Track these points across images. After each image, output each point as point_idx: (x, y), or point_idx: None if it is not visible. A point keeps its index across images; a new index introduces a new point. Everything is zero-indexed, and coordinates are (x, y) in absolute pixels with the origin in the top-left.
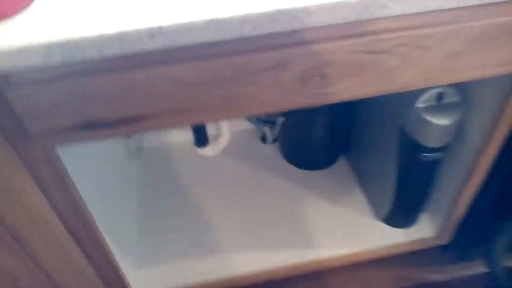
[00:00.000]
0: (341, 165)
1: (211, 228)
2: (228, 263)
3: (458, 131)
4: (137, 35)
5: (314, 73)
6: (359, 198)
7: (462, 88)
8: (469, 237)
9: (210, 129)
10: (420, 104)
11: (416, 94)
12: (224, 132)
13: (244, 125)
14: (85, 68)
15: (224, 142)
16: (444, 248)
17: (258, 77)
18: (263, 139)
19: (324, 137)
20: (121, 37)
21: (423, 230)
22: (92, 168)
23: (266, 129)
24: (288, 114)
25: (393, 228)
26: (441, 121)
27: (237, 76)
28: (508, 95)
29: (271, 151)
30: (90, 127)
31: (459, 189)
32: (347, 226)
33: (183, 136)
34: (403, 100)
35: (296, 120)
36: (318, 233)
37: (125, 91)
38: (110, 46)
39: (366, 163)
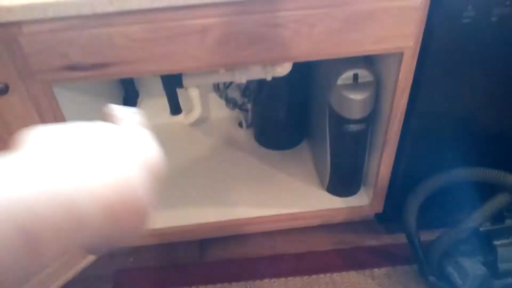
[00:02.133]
0: (303, 147)
1: (186, 188)
2: (196, 215)
3: (375, 106)
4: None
5: (230, 38)
6: (311, 173)
7: (374, 69)
8: (396, 207)
9: (186, 103)
10: (339, 82)
11: (336, 74)
12: (197, 105)
13: (226, 112)
14: (68, 24)
15: (196, 114)
16: (379, 218)
17: (187, 38)
18: (240, 124)
19: (286, 122)
20: (91, 1)
21: (360, 199)
22: None
23: (242, 116)
24: (255, 101)
25: (333, 196)
26: (357, 96)
27: (173, 36)
28: (398, 72)
29: (246, 134)
30: (72, 69)
31: (379, 159)
32: (296, 194)
33: (175, 119)
34: (329, 81)
35: (263, 107)
36: (273, 198)
37: (94, 43)
38: (83, 7)
39: (315, 142)
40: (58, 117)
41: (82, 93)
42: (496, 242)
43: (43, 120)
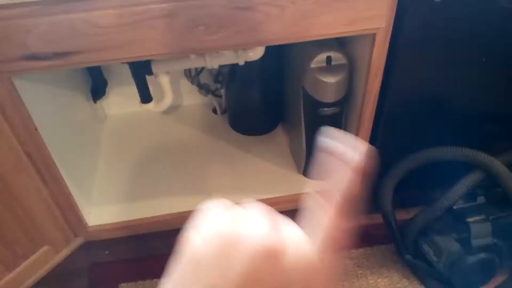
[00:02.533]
0: (278, 132)
1: (161, 177)
2: (172, 205)
3: (348, 89)
4: None
5: (198, 22)
6: (287, 157)
7: (347, 52)
8: (372, 187)
9: (157, 91)
10: (313, 65)
11: (310, 57)
12: (167, 92)
13: (199, 98)
14: (26, 11)
15: (167, 101)
16: None
17: (154, 23)
18: (214, 110)
19: (260, 107)
20: None
21: None
22: (60, 123)
23: (215, 102)
24: (228, 86)
25: (309, 180)
26: (330, 79)
27: (139, 21)
28: (371, 53)
29: (221, 121)
30: (33, 58)
31: None
32: (273, 179)
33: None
34: (302, 64)
35: (236, 93)
36: (250, 184)
37: (55, 30)
38: None
39: (290, 126)
40: (20, 110)
41: (46, 84)
42: (469, 219)
43: (5, 115)
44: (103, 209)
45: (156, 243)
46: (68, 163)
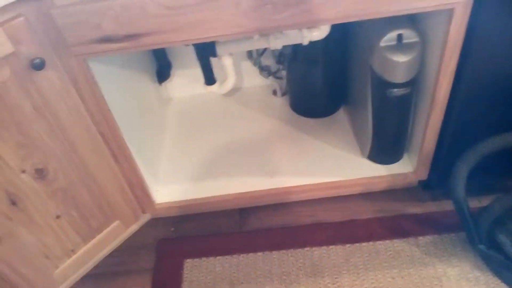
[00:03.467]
0: (340, 114)
1: (225, 158)
2: (235, 185)
3: (420, 69)
4: None
5: (266, 1)
6: (350, 140)
7: (419, 29)
8: (441, 173)
9: (220, 73)
10: (383, 43)
11: (379, 35)
12: (231, 74)
13: (260, 80)
14: None
15: (230, 83)
16: (424, 185)
17: (222, 3)
18: (274, 92)
19: (323, 88)
20: None
21: (403, 166)
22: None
23: (276, 84)
24: (289, 67)
25: (375, 164)
26: (401, 58)
27: (207, 2)
28: (447, 31)
29: (281, 103)
30: (106, 41)
31: (425, 124)
32: (336, 161)
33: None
34: (370, 42)
35: (298, 74)
36: (312, 167)
37: (127, 12)
38: None
39: (355, 108)
40: (95, 91)
41: (116, 66)
42: None
43: (82, 97)
44: (169, 187)
45: (219, 221)
46: (136, 143)
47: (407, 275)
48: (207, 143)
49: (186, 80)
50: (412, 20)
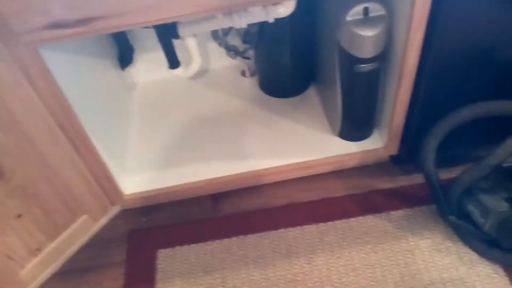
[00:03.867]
0: (310, 93)
1: (194, 143)
2: (206, 170)
3: (388, 43)
4: None
5: None
6: (321, 119)
7: (385, 2)
8: (412, 147)
9: (184, 55)
10: (349, 18)
11: (346, 10)
12: (196, 56)
13: (227, 61)
14: None
15: (196, 65)
16: (395, 160)
17: None
18: (243, 73)
19: (291, 67)
20: None
21: (373, 143)
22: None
23: (244, 64)
24: (257, 47)
25: (346, 141)
26: (368, 32)
27: None
28: (413, 1)
29: (250, 84)
30: (56, 27)
31: (394, 98)
32: (307, 141)
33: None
34: (337, 18)
35: (266, 53)
36: (284, 147)
37: None
38: None
39: (324, 86)
40: (49, 81)
41: (72, 53)
42: None
43: (35, 88)
44: (138, 177)
45: (192, 209)
46: (100, 133)
47: (381, 250)
48: (175, 129)
49: (150, 65)
50: None
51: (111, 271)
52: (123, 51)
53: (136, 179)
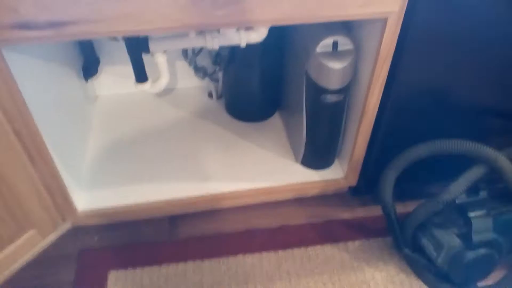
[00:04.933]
0: (275, 119)
1: (154, 162)
2: (165, 191)
3: (354, 76)
4: None
5: None
6: (284, 145)
7: (354, 37)
8: (370, 179)
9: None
10: (318, 49)
11: (315, 41)
12: (164, 72)
13: (195, 82)
14: None
15: (163, 82)
16: (353, 191)
17: None
18: (210, 95)
19: (259, 92)
20: None
21: (334, 172)
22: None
23: (212, 86)
24: (226, 69)
25: (308, 169)
26: (336, 65)
27: None
28: (380, 40)
29: (216, 106)
30: (25, 28)
31: (356, 130)
32: (269, 167)
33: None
34: (307, 48)
35: (234, 77)
36: (245, 172)
37: None
38: None
39: (289, 113)
40: (10, 84)
41: (36, 57)
42: (471, 214)
43: None
44: (93, 193)
45: (147, 230)
46: (57, 144)
47: (337, 281)
48: (135, 146)
49: (114, 78)
50: (347, 28)
51: None
52: (88, 62)
53: (91, 196)
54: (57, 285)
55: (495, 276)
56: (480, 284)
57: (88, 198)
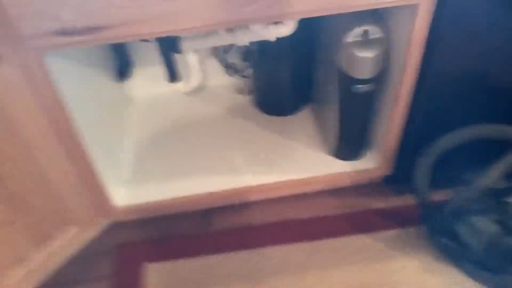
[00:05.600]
0: (306, 112)
1: (189, 159)
2: (200, 185)
3: (385, 65)
4: None
5: None
6: (316, 138)
7: (384, 25)
8: (405, 168)
9: (185, 70)
10: (348, 39)
11: (345, 31)
12: (196, 71)
13: (225, 79)
14: None
15: (196, 80)
16: (388, 180)
17: None
18: (240, 91)
19: (289, 86)
20: None
21: (368, 162)
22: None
23: (242, 82)
24: (256, 65)
25: (340, 160)
26: (366, 54)
27: None
28: (411, 27)
29: (247, 101)
30: (65, 34)
31: (389, 119)
32: (301, 159)
33: (173, 87)
34: (336, 39)
35: (264, 72)
36: (278, 165)
37: (88, 2)
38: None
39: (321, 105)
40: (51, 87)
41: (74, 61)
42: (509, 200)
43: (35, 91)
44: (130, 190)
45: (183, 224)
46: (95, 143)
47: (372, 270)
48: (170, 143)
49: (148, 79)
50: (377, 16)
51: (98, 285)
52: (123, 64)
53: (129, 192)
54: (96, 279)
55: None
56: None
57: (127, 194)
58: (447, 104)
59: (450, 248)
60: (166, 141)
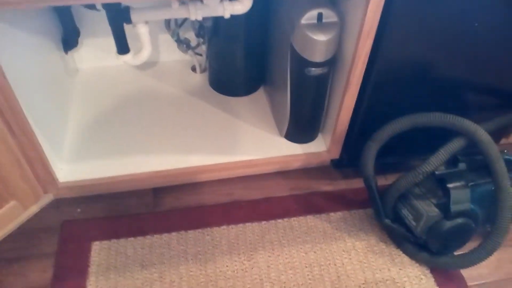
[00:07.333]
0: (259, 93)
1: (137, 135)
2: (148, 163)
3: (338, 49)
4: None
5: None
6: (268, 120)
7: (338, 10)
8: (352, 152)
9: (133, 43)
10: (303, 21)
11: (300, 13)
12: (146, 44)
13: (178, 55)
14: None
15: (145, 53)
16: (336, 164)
17: None
18: (193, 68)
19: (243, 66)
20: None
21: (317, 146)
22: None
23: (195, 59)
24: (210, 42)
25: (291, 143)
26: (321, 37)
27: None
28: (364, 13)
29: (200, 79)
30: None
31: (340, 104)
32: (253, 140)
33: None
34: (292, 20)
35: (218, 50)
36: (229, 145)
37: None
38: None
39: (274, 87)
40: None
41: (15, 28)
42: (450, 185)
43: None
44: (75, 165)
45: (131, 202)
46: (38, 115)
47: (319, 250)
48: (117, 119)
49: (95, 50)
50: (332, 1)
51: (39, 263)
52: (68, 33)
53: (72, 167)
54: (38, 256)
55: (471, 245)
56: (456, 252)
57: (70, 170)
58: (395, 92)
59: (394, 230)
60: (113, 116)
